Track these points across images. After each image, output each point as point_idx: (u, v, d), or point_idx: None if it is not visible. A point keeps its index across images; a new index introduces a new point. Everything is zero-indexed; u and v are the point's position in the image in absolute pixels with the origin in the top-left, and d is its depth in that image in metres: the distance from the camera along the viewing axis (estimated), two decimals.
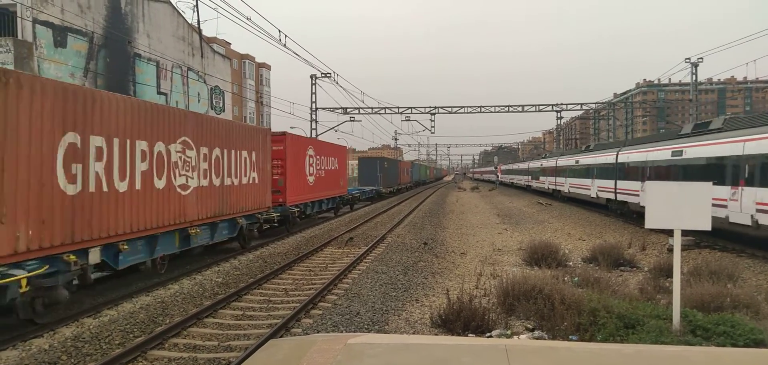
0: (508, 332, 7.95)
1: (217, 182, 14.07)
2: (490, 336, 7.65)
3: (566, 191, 31.94)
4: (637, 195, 20.76)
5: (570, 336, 7.36)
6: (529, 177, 50.74)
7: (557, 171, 36.74)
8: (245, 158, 15.84)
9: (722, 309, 8.00)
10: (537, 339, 7.59)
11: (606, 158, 26.29)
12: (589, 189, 28.95)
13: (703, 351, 5.65)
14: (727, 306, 8.23)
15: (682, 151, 17.43)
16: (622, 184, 23.09)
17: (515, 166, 68.91)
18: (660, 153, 19.31)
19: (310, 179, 22.99)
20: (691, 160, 16.88)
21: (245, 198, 15.89)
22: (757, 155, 13.21)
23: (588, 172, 29.42)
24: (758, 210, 12.89)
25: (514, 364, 3.24)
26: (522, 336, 7.77)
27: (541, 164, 44.69)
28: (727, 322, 6.77)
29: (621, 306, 7.49)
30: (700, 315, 7.23)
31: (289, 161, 20.08)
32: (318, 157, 24.21)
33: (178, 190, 12.27)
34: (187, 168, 12.62)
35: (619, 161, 23.74)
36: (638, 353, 4.79)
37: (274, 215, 18.31)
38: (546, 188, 38.27)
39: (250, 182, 16.21)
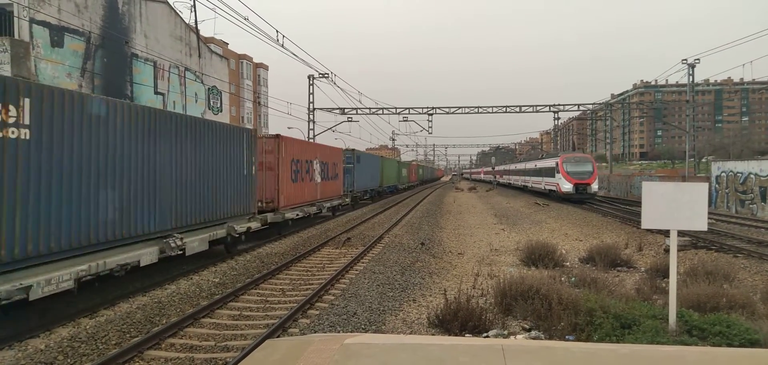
0: (505, 332, 7.97)
1: None
2: (487, 336, 7.67)
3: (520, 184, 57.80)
4: (528, 183, 50.44)
5: (567, 336, 7.39)
6: (511, 176, 67.82)
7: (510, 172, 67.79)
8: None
9: (718, 309, 8.04)
10: (534, 339, 7.61)
11: (524, 165, 57.29)
12: (525, 182, 55.69)
13: (699, 351, 5.66)
14: (723, 306, 8.26)
15: (535, 164, 47.41)
16: (530, 178, 51.47)
17: (501, 167, 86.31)
18: (532, 165, 49.73)
19: None
20: (535, 168, 46.35)
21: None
22: (542, 168, 43.80)
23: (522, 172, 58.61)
24: (545, 185, 41.68)
25: (510, 364, 3.25)
26: (519, 336, 7.79)
27: (516, 166, 64.80)
28: (722, 322, 6.81)
29: (617, 306, 7.52)
30: (696, 315, 7.27)
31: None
32: None
33: None
34: None
35: (527, 167, 53.18)
36: (634, 353, 4.80)
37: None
38: (520, 184, 56.58)
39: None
